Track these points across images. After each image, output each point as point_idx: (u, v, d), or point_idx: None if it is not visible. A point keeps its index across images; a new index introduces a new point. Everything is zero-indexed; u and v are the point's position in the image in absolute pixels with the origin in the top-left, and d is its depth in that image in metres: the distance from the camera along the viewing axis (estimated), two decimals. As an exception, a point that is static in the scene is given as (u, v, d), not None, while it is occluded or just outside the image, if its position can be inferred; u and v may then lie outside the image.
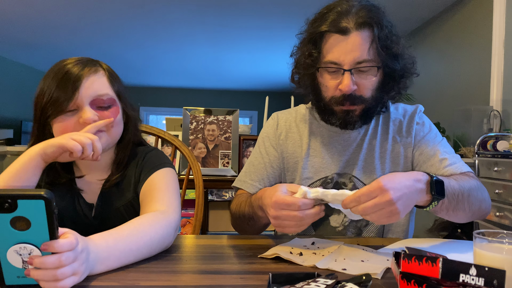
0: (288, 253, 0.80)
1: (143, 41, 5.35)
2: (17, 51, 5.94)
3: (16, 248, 0.58)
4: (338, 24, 0.96)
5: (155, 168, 0.98)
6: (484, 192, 1.00)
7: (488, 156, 1.95)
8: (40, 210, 0.57)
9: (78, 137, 0.84)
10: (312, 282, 0.60)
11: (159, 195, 0.91)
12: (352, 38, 0.96)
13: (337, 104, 1.01)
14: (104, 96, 0.93)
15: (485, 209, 1.01)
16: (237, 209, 1.08)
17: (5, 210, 0.56)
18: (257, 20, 4.38)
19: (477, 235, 0.61)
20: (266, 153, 1.16)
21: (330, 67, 0.99)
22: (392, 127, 1.13)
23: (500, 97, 2.86)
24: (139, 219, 0.80)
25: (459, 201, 0.91)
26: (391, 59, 1.00)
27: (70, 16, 4.36)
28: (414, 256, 0.57)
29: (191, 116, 2.13)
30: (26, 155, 0.82)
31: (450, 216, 0.93)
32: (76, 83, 0.90)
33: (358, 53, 0.96)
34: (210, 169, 2.12)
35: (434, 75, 3.96)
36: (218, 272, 0.71)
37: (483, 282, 0.52)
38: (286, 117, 1.20)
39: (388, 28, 1.00)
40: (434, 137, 1.10)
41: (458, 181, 0.93)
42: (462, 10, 3.50)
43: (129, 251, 0.72)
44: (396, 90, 1.06)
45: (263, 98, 2.49)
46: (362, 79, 0.99)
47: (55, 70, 0.92)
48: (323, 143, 1.13)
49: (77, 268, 0.61)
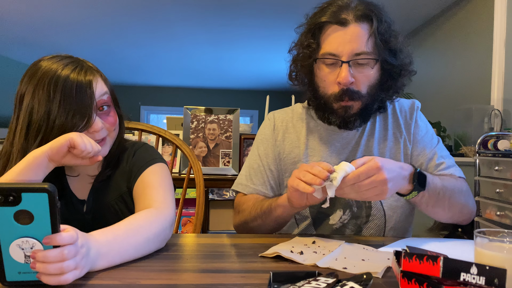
0: (289, 252, 0.80)
1: (144, 40, 5.34)
2: (17, 50, 5.94)
3: (18, 242, 0.59)
4: (338, 16, 0.97)
5: (147, 164, 0.98)
6: (469, 198, 1.03)
7: (489, 155, 1.95)
8: (43, 204, 0.58)
9: (86, 139, 0.84)
10: (313, 281, 0.60)
11: (153, 193, 0.92)
12: (351, 29, 0.97)
13: (336, 100, 1.01)
14: (105, 96, 0.92)
15: (466, 214, 1.04)
16: (255, 206, 1.05)
17: (9, 203, 0.57)
18: (258, 19, 4.38)
19: (478, 234, 0.61)
20: (265, 156, 1.15)
21: (328, 58, 0.99)
22: (391, 123, 1.13)
23: (501, 96, 2.86)
24: (135, 216, 0.81)
25: (440, 198, 0.95)
26: (389, 54, 1.00)
27: (71, 15, 4.36)
28: (415, 255, 0.57)
29: (192, 115, 2.13)
30: (31, 155, 0.82)
31: (429, 211, 0.98)
32: (91, 105, 0.87)
33: (356, 44, 0.96)
34: (210, 168, 2.12)
35: (435, 74, 3.95)
36: (219, 271, 0.71)
37: (484, 281, 0.52)
38: (282, 117, 1.19)
39: (387, 23, 1.01)
40: (431, 138, 1.12)
41: (442, 180, 0.97)
42: (463, 9, 3.50)
43: (127, 246, 0.73)
44: (393, 89, 1.06)
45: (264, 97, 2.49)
46: (359, 72, 0.99)
47: (50, 82, 0.86)
48: (321, 142, 1.12)
49: (79, 262, 0.62)
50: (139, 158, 1.01)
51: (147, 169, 0.97)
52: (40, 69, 0.88)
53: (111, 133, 0.95)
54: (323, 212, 1.10)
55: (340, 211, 1.09)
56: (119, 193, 0.99)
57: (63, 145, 0.81)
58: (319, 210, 1.10)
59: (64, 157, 0.84)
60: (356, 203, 1.10)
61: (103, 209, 0.98)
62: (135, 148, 1.04)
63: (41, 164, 0.82)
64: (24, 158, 0.82)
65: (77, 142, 0.81)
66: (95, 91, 0.89)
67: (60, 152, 0.82)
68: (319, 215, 1.10)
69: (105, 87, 0.93)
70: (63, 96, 0.85)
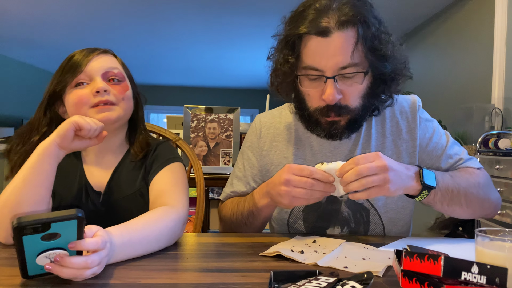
0: (290, 251, 0.80)
1: (144, 39, 5.34)
2: (18, 49, 5.94)
3: (45, 254, 0.61)
4: (318, 24, 0.85)
5: (168, 161, 1.00)
6: (490, 191, 0.98)
7: (489, 154, 1.95)
8: (72, 226, 0.60)
9: (88, 118, 0.87)
10: (313, 280, 0.60)
11: (170, 191, 0.94)
12: (334, 40, 0.85)
13: (322, 115, 0.93)
14: (115, 70, 0.97)
15: (489, 208, 0.99)
16: (233, 211, 1.04)
17: (38, 232, 0.58)
18: (259, 18, 4.37)
19: (479, 233, 0.61)
20: (249, 167, 1.10)
21: (310, 74, 0.90)
22: (389, 128, 1.03)
23: (502, 95, 2.85)
24: (150, 214, 0.84)
25: (454, 195, 0.91)
26: (380, 61, 0.89)
27: (71, 14, 4.35)
28: (416, 254, 0.57)
29: (192, 114, 2.13)
30: (40, 147, 0.83)
31: (446, 210, 0.94)
32: (88, 56, 0.94)
33: (341, 57, 0.86)
34: (211, 167, 2.12)
35: (436, 72, 3.95)
36: (219, 270, 0.71)
37: (485, 280, 0.51)
38: (269, 123, 1.10)
39: (375, 26, 0.89)
40: (439, 137, 1.03)
41: (453, 177, 0.93)
42: (464, 8, 3.49)
43: (140, 244, 0.76)
44: (387, 94, 0.97)
45: (264, 96, 2.49)
46: (347, 86, 0.89)
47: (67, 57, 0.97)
48: (312, 152, 1.04)
49: (102, 263, 0.65)
50: (160, 154, 1.02)
51: (166, 167, 0.99)
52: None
53: (121, 102, 0.95)
54: (319, 226, 1.05)
55: (338, 228, 1.05)
56: (137, 187, 1.00)
57: (69, 129, 0.83)
58: (315, 225, 1.05)
59: (73, 141, 0.85)
60: (354, 219, 1.03)
61: (119, 202, 0.99)
62: (157, 143, 1.06)
63: (52, 153, 0.83)
64: (34, 151, 0.83)
65: (81, 123, 0.83)
66: (95, 59, 0.95)
67: (67, 137, 0.83)
68: (314, 229, 1.05)
69: (116, 63, 0.99)
70: (66, 59, 0.96)
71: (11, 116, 6.27)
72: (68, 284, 0.63)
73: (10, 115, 6.27)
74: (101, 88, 0.92)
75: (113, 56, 1.01)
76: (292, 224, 1.07)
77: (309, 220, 1.05)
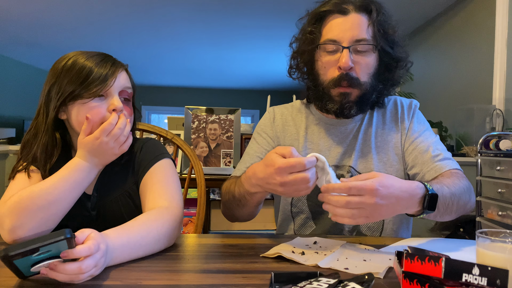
0: (290, 252, 0.80)
1: (145, 39, 5.35)
2: (18, 50, 5.95)
3: (38, 265, 0.61)
4: (339, 6, 1.04)
5: (155, 159, 0.99)
6: (471, 193, 1.02)
7: (490, 155, 1.94)
8: (62, 245, 0.60)
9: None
10: (314, 281, 0.60)
11: (162, 189, 0.93)
12: (352, 17, 1.03)
13: (335, 85, 1.04)
14: (129, 90, 0.98)
15: (470, 208, 1.03)
16: (227, 190, 1.04)
17: (27, 255, 0.59)
18: (259, 19, 4.38)
19: (480, 234, 0.61)
20: (263, 143, 1.17)
21: (329, 44, 1.03)
22: (389, 117, 1.15)
23: (503, 96, 2.85)
24: (146, 216, 0.84)
25: (448, 208, 0.93)
26: (387, 43, 1.05)
27: (72, 15, 4.36)
28: (416, 255, 0.57)
29: (193, 115, 2.13)
30: (73, 169, 0.89)
31: (438, 219, 0.96)
32: (115, 72, 0.94)
33: (357, 31, 1.02)
34: (212, 168, 2.12)
35: (437, 73, 3.95)
36: (220, 271, 0.71)
37: (486, 281, 0.51)
38: (282, 111, 1.22)
39: (386, 16, 1.07)
40: (428, 134, 1.12)
41: (450, 188, 0.93)
42: (465, 9, 3.49)
43: (139, 246, 0.76)
44: (391, 81, 1.10)
45: (265, 97, 2.49)
46: (359, 59, 1.03)
47: (90, 54, 0.96)
48: (320, 135, 1.15)
49: (98, 267, 0.65)
50: (147, 152, 1.01)
51: (155, 164, 0.98)
52: (66, 61, 0.93)
53: (127, 126, 0.95)
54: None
55: None
56: (125, 188, 0.99)
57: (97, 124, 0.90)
58: (318, 203, 1.08)
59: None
60: None
61: (108, 204, 0.98)
62: (143, 142, 1.04)
63: (89, 175, 0.91)
64: (65, 172, 0.88)
65: (109, 119, 0.90)
66: (120, 74, 0.95)
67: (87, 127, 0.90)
68: (318, 208, 1.10)
69: (129, 82, 0.99)
70: (92, 59, 0.94)
71: (12, 117, 6.28)
72: (68, 285, 0.63)
73: (11, 116, 6.28)
74: (119, 108, 0.92)
75: (128, 73, 1.00)
76: (296, 202, 1.12)
77: (313, 198, 1.09)
